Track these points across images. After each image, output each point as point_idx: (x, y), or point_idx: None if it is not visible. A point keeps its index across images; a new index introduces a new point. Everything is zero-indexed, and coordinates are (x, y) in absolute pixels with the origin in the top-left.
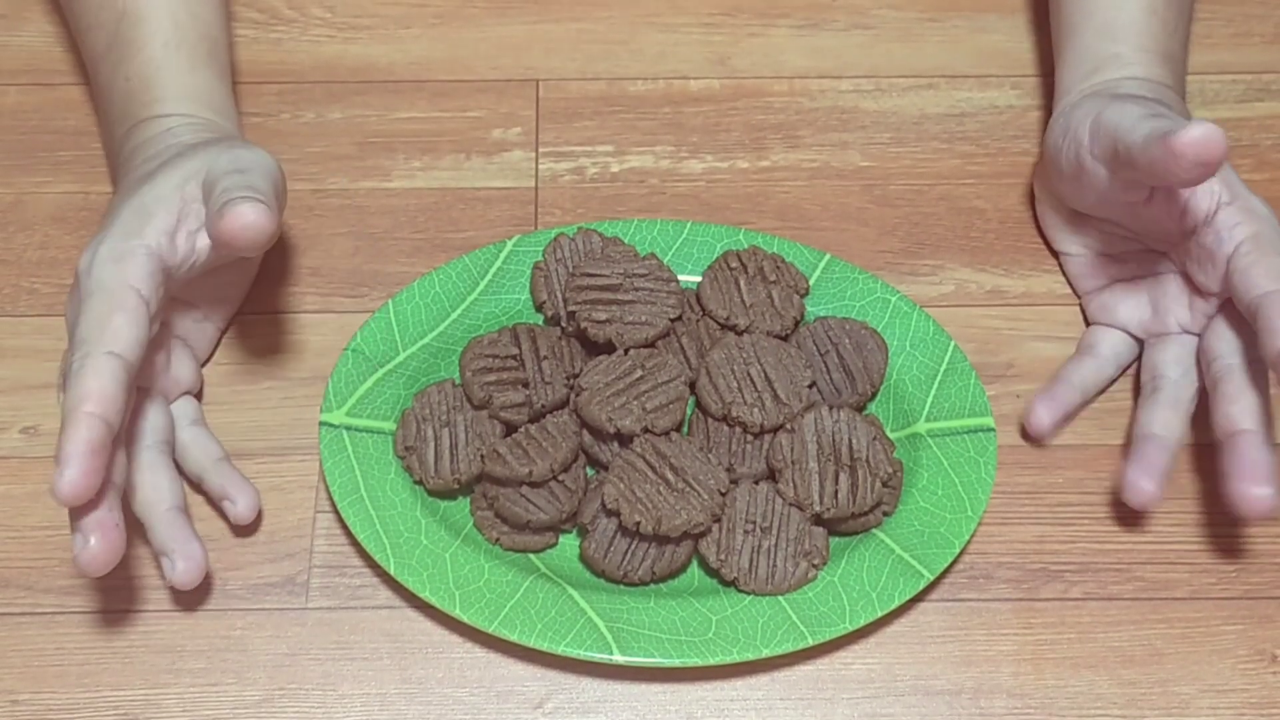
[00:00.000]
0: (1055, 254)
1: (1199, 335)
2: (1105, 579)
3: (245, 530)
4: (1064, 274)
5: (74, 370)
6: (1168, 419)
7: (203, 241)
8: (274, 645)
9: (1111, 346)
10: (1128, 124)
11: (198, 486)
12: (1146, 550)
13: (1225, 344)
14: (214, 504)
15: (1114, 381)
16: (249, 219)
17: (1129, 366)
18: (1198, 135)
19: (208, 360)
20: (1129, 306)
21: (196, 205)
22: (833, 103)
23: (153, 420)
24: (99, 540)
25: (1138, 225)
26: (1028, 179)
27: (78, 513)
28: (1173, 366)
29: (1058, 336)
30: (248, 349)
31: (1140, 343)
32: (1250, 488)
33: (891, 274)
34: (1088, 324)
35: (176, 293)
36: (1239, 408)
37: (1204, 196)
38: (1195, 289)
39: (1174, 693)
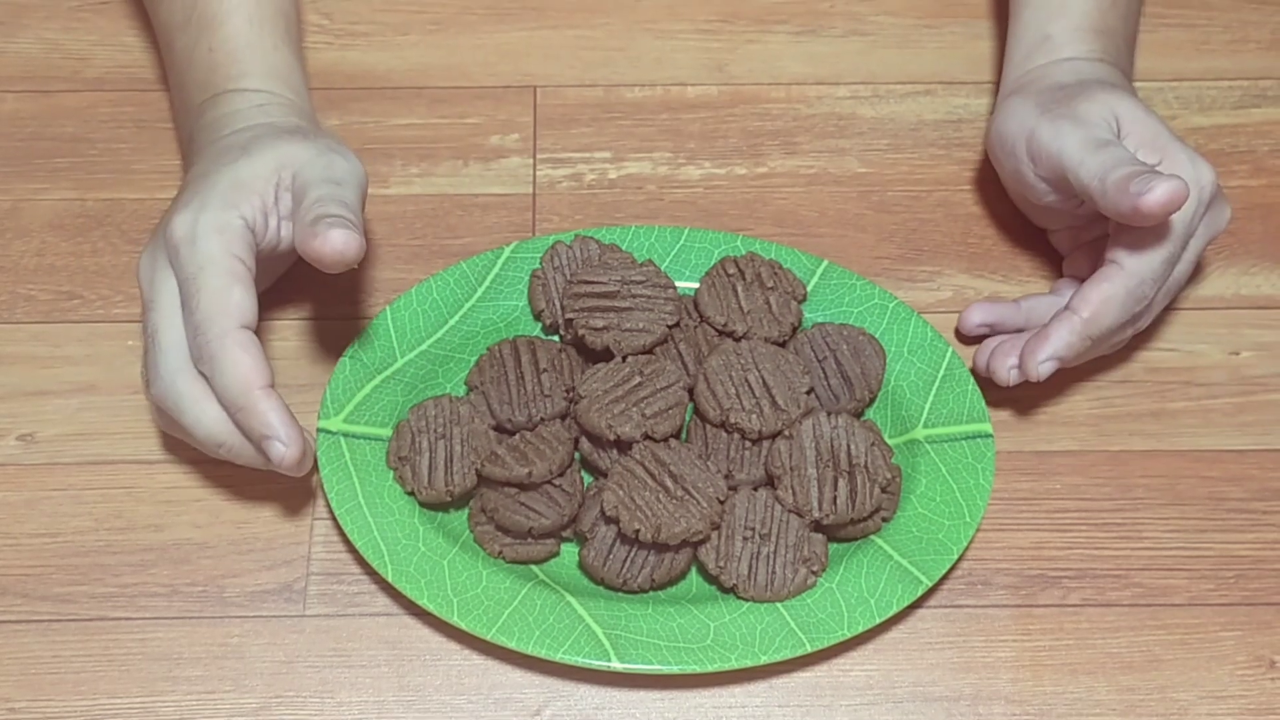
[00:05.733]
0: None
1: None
2: (1103, 585)
3: (242, 537)
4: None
5: (216, 349)
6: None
7: (286, 231)
8: (271, 653)
9: (1071, 289)
10: (1074, 155)
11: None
12: (1144, 556)
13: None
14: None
15: None
16: (338, 244)
17: None
18: (1162, 199)
19: None
20: (1094, 263)
21: (287, 194)
22: (830, 109)
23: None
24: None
25: (1081, 211)
26: None
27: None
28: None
29: None
30: None
31: None
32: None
33: (889, 280)
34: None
35: None
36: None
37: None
38: None
39: (1172, 699)
